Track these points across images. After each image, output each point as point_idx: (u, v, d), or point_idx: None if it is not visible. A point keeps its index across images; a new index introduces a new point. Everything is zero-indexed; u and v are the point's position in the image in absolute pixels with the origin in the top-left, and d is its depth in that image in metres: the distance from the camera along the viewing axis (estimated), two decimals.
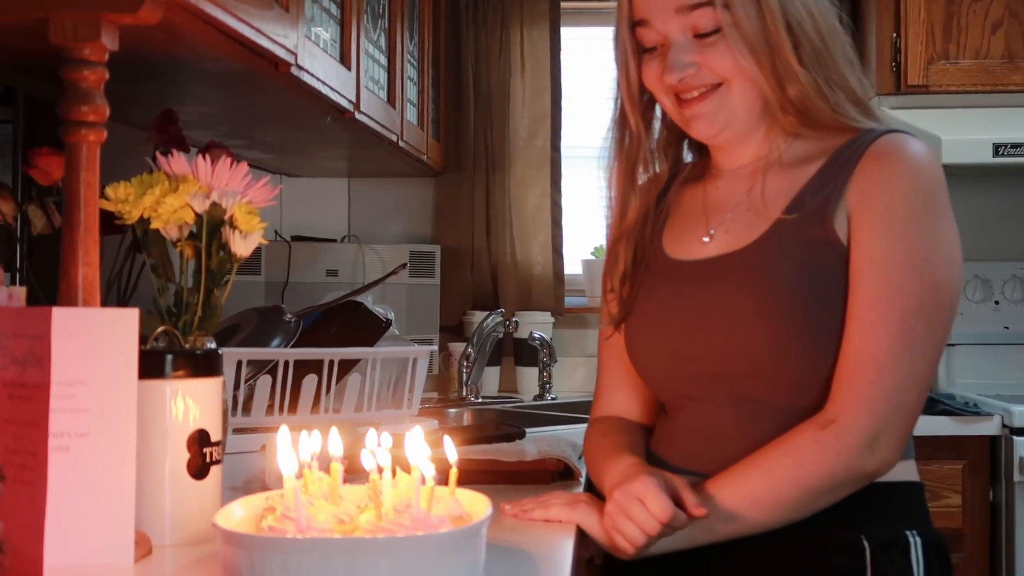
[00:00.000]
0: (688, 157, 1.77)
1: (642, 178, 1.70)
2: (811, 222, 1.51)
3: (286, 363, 2.14)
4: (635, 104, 1.64)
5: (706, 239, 1.62)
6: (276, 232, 3.61)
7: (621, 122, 1.67)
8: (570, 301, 3.78)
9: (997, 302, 3.59)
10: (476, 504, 1.27)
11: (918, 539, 1.53)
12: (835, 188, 1.52)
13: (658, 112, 1.69)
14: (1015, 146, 3.13)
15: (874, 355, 1.45)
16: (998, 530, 3.00)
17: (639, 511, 1.42)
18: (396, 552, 1.12)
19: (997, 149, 3.14)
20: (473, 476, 1.80)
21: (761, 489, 1.46)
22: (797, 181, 1.56)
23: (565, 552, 1.38)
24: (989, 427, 3.01)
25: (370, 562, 1.11)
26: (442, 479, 1.27)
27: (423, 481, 1.21)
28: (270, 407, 2.14)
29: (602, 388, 1.79)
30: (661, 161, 1.71)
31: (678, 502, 1.43)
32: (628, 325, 1.67)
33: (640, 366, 1.68)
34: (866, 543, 1.49)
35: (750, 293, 1.52)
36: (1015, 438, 2.94)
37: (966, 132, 3.20)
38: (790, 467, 1.46)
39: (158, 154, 1.56)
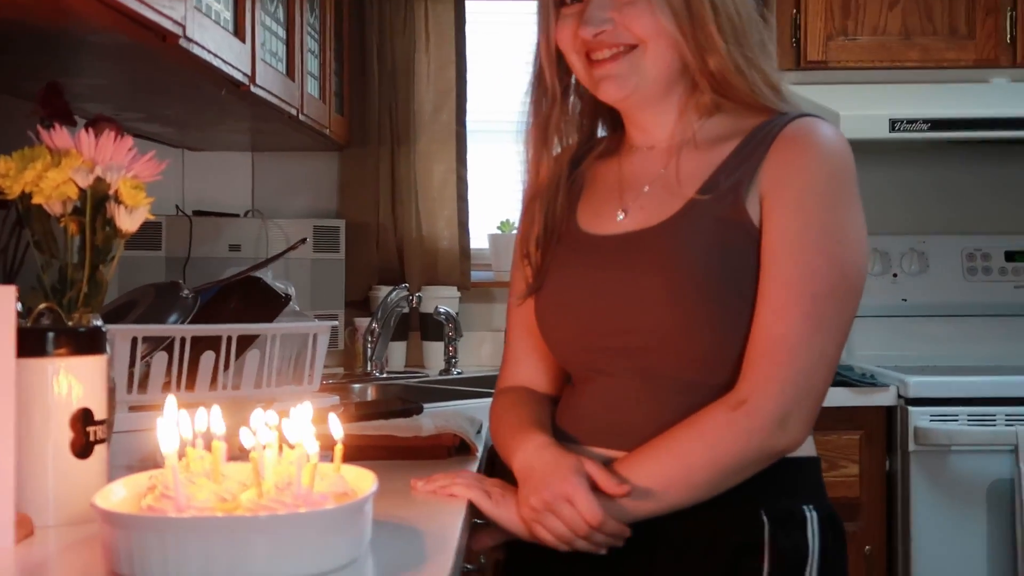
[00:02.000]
0: (601, 132, 1.76)
1: (557, 148, 1.69)
2: (724, 202, 1.52)
3: (183, 339, 2.12)
4: (552, 64, 1.64)
5: (621, 216, 1.62)
6: (177, 207, 3.57)
7: (538, 82, 1.67)
8: (476, 276, 3.79)
9: (895, 275, 3.65)
10: (362, 480, 1.27)
11: (814, 513, 1.55)
12: (748, 169, 1.53)
13: (574, 80, 1.67)
14: (910, 121, 3.18)
15: (785, 337, 1.47)
16: (894, 499, 3.06)
17: (569, 512, 1.44)
18: (276, 530, 1.12)
19: (893, 124, 3.19)
20: (368, 452, 1.81)
21: (674, 470, 1.47)
22: (711, 161, 1.57)
23: (453, 529, 1.38)
24: (885, 398, 3.06)
25: (249, 540, 1.10)
26: (330, 455, 1.27)
27: (306, 458, 1.20)
28: (167, 384, 2.11)
29: (509, 358, 1.78)
30: (575, 130, 1.71)
31: (593, 484, 1.46)
32: (539, 297, 1.67)
33: (549, 338, 1.68)
34: (765, 517, 1.52)
35: (659, 271, 1.52)
36: (910, 408, 3.00)
37: (864, 108, 3.25)
38: (702, 449, 1.47)
39: (40, 127, 1.52)
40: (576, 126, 1.71)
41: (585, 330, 1.61)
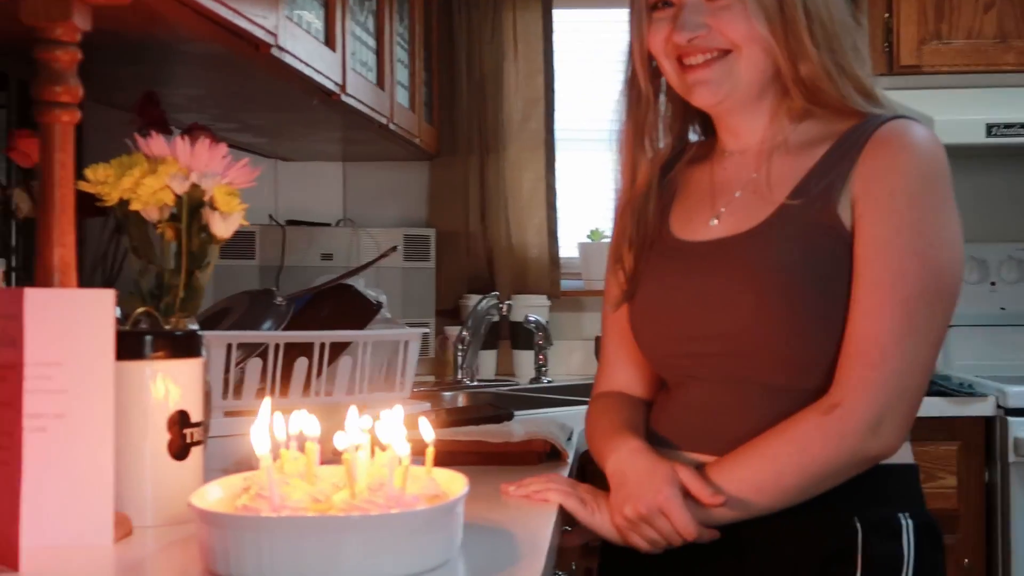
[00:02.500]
0: (693, 137, 1.76)
1: (650, 152, 1.69)
2: (815, 207, 1.51)
3: (276, 346, 2.14)
4: (646, 67, 1.64)
5: (714, 221, 1.61)
6: (271, 216, 3.61)
7: (632, 85, 1.66)
8: (566, 284, 3.78)
9: (993, 283, 3.58)
10: (453, 483, 1.27)
11: (910, 521, 1.52)
12: (840, 174, 1.51)
13: (664, 84, 1.67)
14: (1008, 126, 3.12)
15: (877, 339, 1.45)
16: (993, 511, 3.00)
17: (663, 525, 1.45)
18: (368, 530, 1.12)
19: (990, 129, 3.14)
20: (459, 457, 1.81)
21: (765, 475, 1.46)
22: (803, 165, 1.55)
23: (544, 531, 1.38)
24: (984, 408, 3.00)
25: (342, 540, 1.11)
26: (422, 460, 1.27)
27: (398, 460, 1.20)
28: (261, 390, 2.14)
29: (605, 363, 1.78)
30: (666, 135, 1.70)
31: (687, 493, 1.46)
32: (632, 304, 1.67)
33: (643, 344, 1.68)
34: (858, 524, 1.49)
35: (748, 277, 1.52)
36: (1010, 419, 2.94)
37: (959, 112, 3.19)
38: (793, 453, 1.46)
39: (137, 135, 1.55)
40: (668, 130, 1.71)
41: (677, 336, 1.60)
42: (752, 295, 1.51)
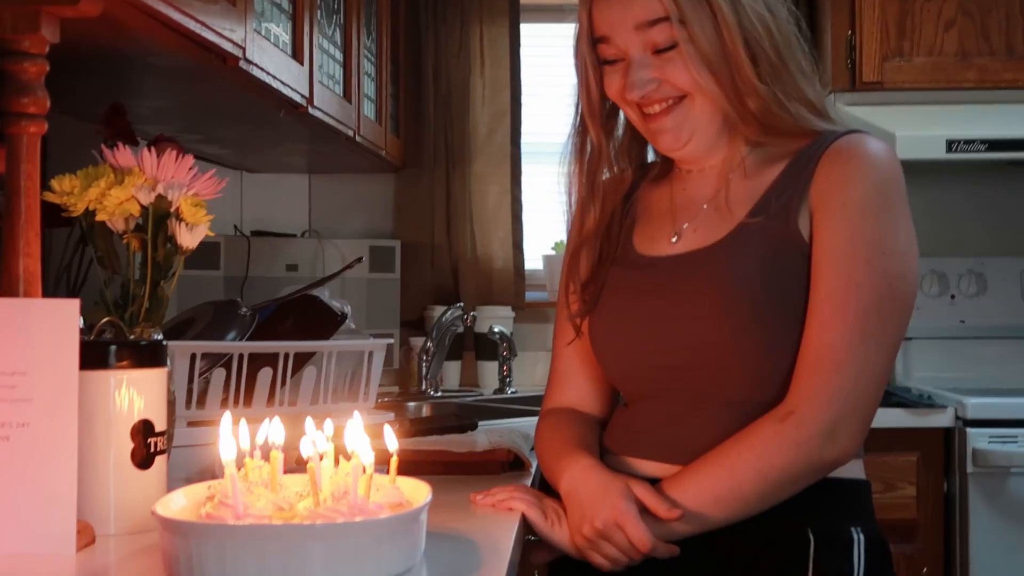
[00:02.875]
0: (651, 155, 1.78)
1: (606, 175, 1.71)
2: (775, 223, 1.54)
3: (241, 356, 2.14)
4: (595, 116, 1.66)
5: (674, 239, 1.64)
6: (236, 227, 3.61)
7: (582, 132, 1.69)
8: (530, 296, 3.80)
9: (953, 296, 3.63)
10: (416, 492, 1.29)
11: (862, 536, 1.54)
12: (797, 188, 1.54)
13: (621, 118, 1.70)
14: (968, 142, 3.17)
15: (831, 347, 1.47)
16: (952, 521, 3.03)
17: (620, 540, 1.46)
18: (332, 538, 1.14)
19: (950, 145, 3.18)
20: (423, 467, 1.82)
21: (723, 485, 1.47)
22: (760, 184, 1.58)
23: (507, 540, 1.40)
24: (943, 419, 3.04)
25: (306, 548, 1.12)
26: (386, 467, 1.29)
27: (362, 469, 1.22)
28: (224, 400, 2.14)
29: (556, 378, 1.79)
30: (624, 164, 1.72)
31: (644, 508, 1.46)
32: (593, 316, 1.69)
33: (603, 357, 1.69)
34: (811, 536, 1.51)
35: (713, 290, 1.54)
36: (968, 430, 2.97)
37: (920, 128, 3.24)
38: (751, 461, 1.47)
39: (104, 147, 1.56)
40: (626, 159, 1.73)
41: (640, 347, 1.62)
42: (715, 309, 1.53)
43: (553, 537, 1.54)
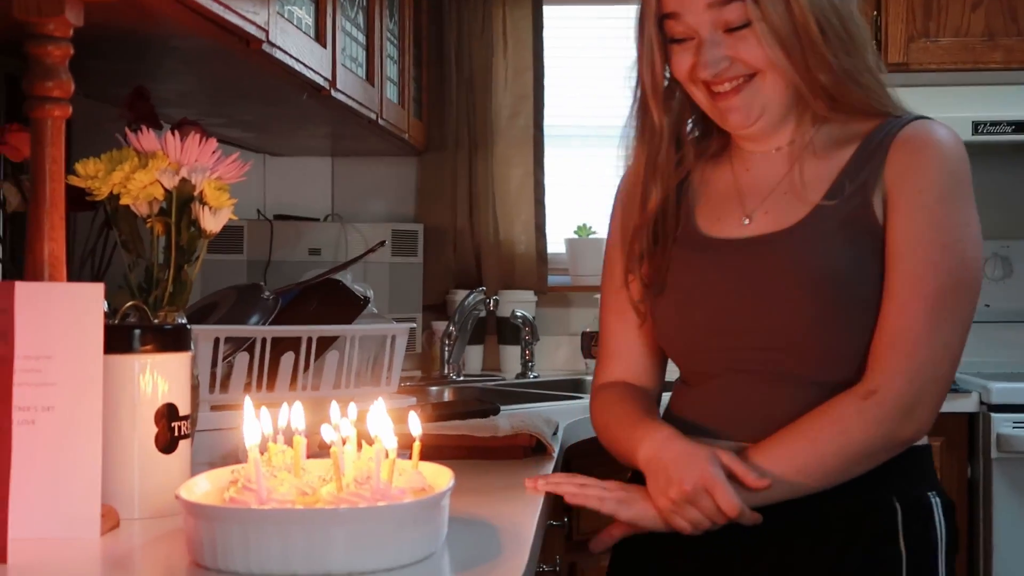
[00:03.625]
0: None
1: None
2: (852, 205, 1.56)
3: (264, 340, 2.15)
4: (658, 95, 1.66)
5: (747, 221, 1.64)
6: (258, 211, 3.62)
7: (642, 113, 1.69)
8: (553, 280, 3.79)
9: None
10: (439, 477, 1.29)
11: (938, 500, 1.59)
12: (872, 172, 1.56)
13: (676, 95, 1.69)
14: (994, 124, 3.15)
15: (911, 329, 1.50)
16: (976, 506, 3.02)
17: (708, 505, 1.47)
18: (354, 522, 1.14)
19: (976, 127, 3.16)
20: (445, 451, 1.82)
21: (807, 456, 1.50)
22: (833, 166, 1.60)
23: (529, 525, 1.40)
24: (967, 404, 3.03)
25: (329, 533, 1.12)
26: (409, 453, 1.29)
27: (385, 454, 1.22)
28: (248, 384, 2.14)
29: (608, 354, 1.78)
30: (684, 146, 1.72)
31: (731, 476, 1.48)
32: (662, 297, 1.69)
33: (672, 336, 1.70)
34: (898, 505, 1.55)
35: (796, 270, 1.56)
36: (993, 415, 2.96)
37: (945, 110, 3.18)
38: (834, 435, 1.50)
39: (128, 130, 1.56)
40: (686, 145, 1.72)
41: (715, 329, 1.63)
42: (795, 291, 1.55)
43: (635, 515, 1.53)
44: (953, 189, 1.56)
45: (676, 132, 1.71)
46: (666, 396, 1.75)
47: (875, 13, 3.34)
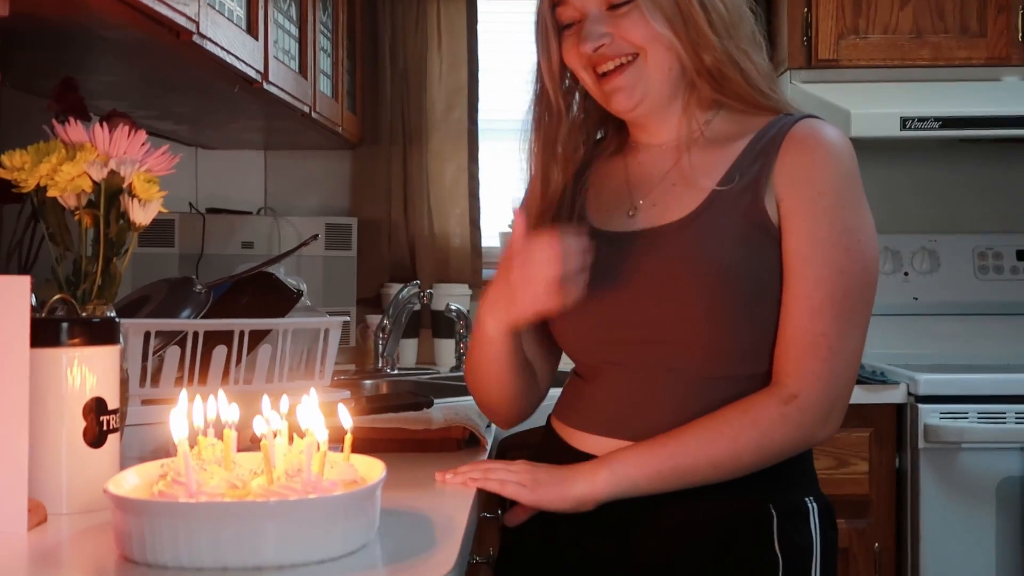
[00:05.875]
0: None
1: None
2: (742, 200, 1.57)
3: (195, 334, 2.13)
4: (556, 82, 1.69)
5: (631, 213, 1.65)
6: (191, 204, 3.59)
7: (541, 100, 1.71)
8: (487, 273, 3.79)
9: (907, 273, 3.66)
10: (371, 469, 1.29)
11: (814, 505, 1.61)
12: (763, 169, 1.57)
13: (577, 96, 1.72)
14: (921, 119, 3.19)
15: (825, 334, 1.53)
16: (904, 497, 3.06)
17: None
18: (286, 515, 1.13)
19: (904, 123, 3.19)
20: (378, 444, 1.82)
21: (724, 452, 1.52)
22: (724, 158, 1.61)
23: (461, 516, 1.40)
24: (895, 395, 3.06)
25: (260, 526, 1.12)
26: (340, 446, 1.29)
27: (316, 447, 1.21)
28: (179, 378, 2.13)
29: None
30: (580, 138, 1.74)
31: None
32: None
33: (561, 329, 1.70)
34: (773, 511, 1.56)
35: (689, 263, 1.56)
36: (920, 406, 3.00)
37: (875, 106, 3.25)
38: (755, 436, 1.52)
39: (55, 122, 1.54)
40: (583, 137, 1.75)
41: (605, 322, 1.63)
42: (690, 281, 1.55)
43: (532, 498, 1.55)
44: (850, 191, 1.58)
45: (576, 122, 1.73)
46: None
47: (805, 9, 3.37)
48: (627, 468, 1.53)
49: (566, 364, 1.78)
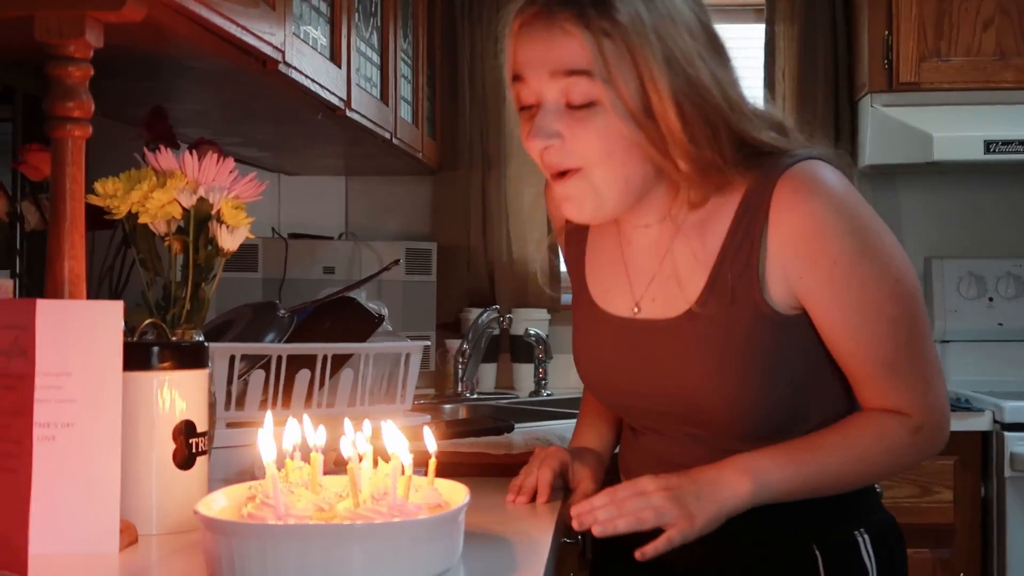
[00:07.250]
0: None
1: None
2: (741, 284, 1.48)
3: (279, 358, 2.16)
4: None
5: (636, 310, 1.59)
6: (273, 229, 3.64)
7: None
8: (566, 298, 3.79)
9: (991, 299, 3.60)
10: (454, 493, 1.29)
11: (865, 536, 1.58)
12: (752, 247, 1.48)
13: None
14: (1006, 143, 3.15)
15: (912, 372, 1.50)
16: (989, 526, 3.01)
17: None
18: (371, 538, 1.15)
19: (988, 146, 3.16)
20: (460, 468, 1.83)
21: (860, 476, 1.55)
22: (710, 248, 1.51)
23: (544, 540, 1.40)
24: (980, 423, 3.02)
25: (346, 548, 1.13)
26: (424, 470, 1.30)
27: (401, 470, 1.23)
28: (263, 402, 2.16)
29: None
30: None
31: None
32: (574, 345, 1.70)
33: (595, 393, 1.74)
34: (817, 552, 1.55)
35: (699, 355, 1.52)
36: (1007, 433, 2.95)
37: (957, 129, 3.22)
38: (889, 462, 1.54)
39: (146, 150, 1.58)
40: None
41: (630, 392, 1.62)
42: (692, 371, 1.52)
43: (699, 533, 1.46)
44: (863, 238, 1.47)
45: None
46: None
47: (886, 33, 3.35)
48: (772, 484, 1.47)
49: None
